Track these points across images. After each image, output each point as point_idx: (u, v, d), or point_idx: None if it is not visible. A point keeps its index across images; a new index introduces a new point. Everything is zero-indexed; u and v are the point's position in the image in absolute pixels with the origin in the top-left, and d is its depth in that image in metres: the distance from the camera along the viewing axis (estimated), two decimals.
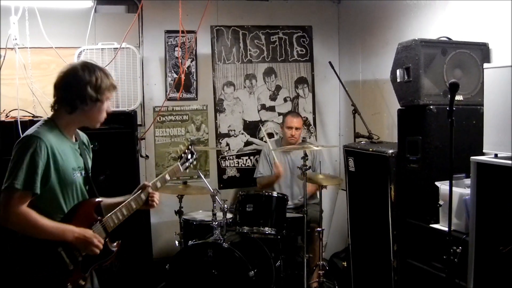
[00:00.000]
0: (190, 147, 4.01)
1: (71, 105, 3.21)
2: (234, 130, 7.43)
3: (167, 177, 3.75)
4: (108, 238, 3.36)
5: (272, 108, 7.57)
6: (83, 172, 3.35)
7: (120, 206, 3.43)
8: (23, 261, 3.05)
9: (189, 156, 4.00)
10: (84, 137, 3.52)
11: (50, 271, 3.10)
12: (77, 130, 3.45)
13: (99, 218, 3.32)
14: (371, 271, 5.35)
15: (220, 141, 7.39)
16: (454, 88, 3.48)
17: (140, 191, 3.60)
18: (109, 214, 3.36)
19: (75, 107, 3.21)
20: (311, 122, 7.67)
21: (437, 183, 4.24)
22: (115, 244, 3.44)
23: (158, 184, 3.71)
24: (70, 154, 3.27)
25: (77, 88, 3.20)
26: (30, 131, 3.13)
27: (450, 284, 3.77)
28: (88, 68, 3.27)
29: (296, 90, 7.64)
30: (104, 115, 3.37)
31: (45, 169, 3.06)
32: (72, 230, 3.13)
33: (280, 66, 7.56)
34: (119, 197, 3.60)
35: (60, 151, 3.16)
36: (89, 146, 3.54)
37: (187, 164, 4.01)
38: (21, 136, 3.15)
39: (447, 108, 3.47)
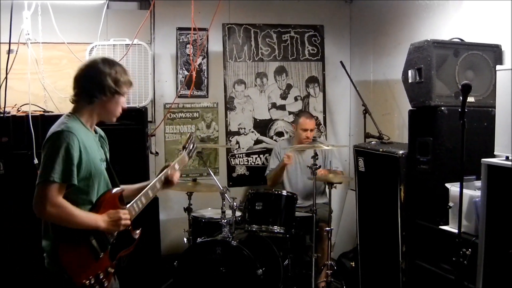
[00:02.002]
0: (191, 137, 4.06)
1: (90, 95, 3.30)
2: (244, 128, 7.43)
3: (176, 166, 3.80)
4: (131, 226, 3.44)
5: (282, 107, 7.56)
6: (105, 164, 3.43)
7: (140, 194, 3.50)
8: (57, 252, 3.11)
9: (191, 147, 4.04)
10: (100, 130, 3.59)
11: (84, 260, 3.18)
12: None
13: (123, 207, 3.38)
14: (379, 272, 5.34)
15: (230, 139, 7.40)
16: (466, 89, 3.47)
17: (162, 172, 3.70)
18: (131, 203, 3.43)
19: (94, 97, 3.30)
20: (322, 122, 7.66)
21: (447, 185, 4.24)
22: (137, 231, 3.54)
23: (176, 166, 3.80)
24: (95, 146, 3.36)
25: (97, 78, 3.29)
26: (59, 126, 3.18)
27: (459, 286, 3.76)
28: (108, 62, 3.38)
29: (307, 89, 7.64)
30: (120, 110, 3.46)
31: (78, 161, 3.14)
32: (101, 217, 3.22)
33: (291, 65, 7.55)
34: (137, 184, 3.71)
35: (88, 144, 3.25)
36: (105, 140, 3.61)
37: (191, 154, 4.06)
38: (51, 130, 3.20)
39: (459, 110, 3.46)
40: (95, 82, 3.29)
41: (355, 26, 7.66)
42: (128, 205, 3.42)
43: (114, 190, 3.40)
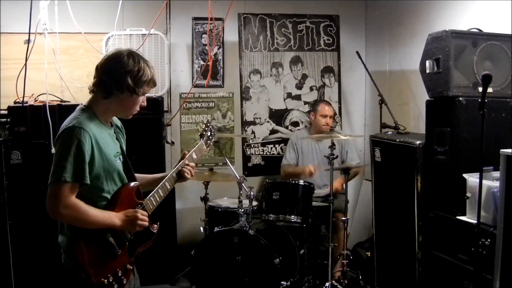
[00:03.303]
0: (208, 124, 4.04)
1: (107, 90, 3.17)
2: (260, 118, 7.45)
3: (194, 155, 3.77)
4: (149, 220, 3.35)
5: (298, 97, 7.57)
6: (121, 157, 3.34)
7: (157, 187, 3.46)
8: (74, 252, 3.06)
9: (209, 133, 4.02)
10: (117, 121, 3.48)
11: (101, 258, 3.13)
12: None
13: (140, 201, 3.33)
14: (395, 262, 5.35)
15: (245, 128, 7.42)
16: (486, 80, 3.47)
17: (179, 163, 3.66)
18: (148, 197, 3.38)
19: (111, 93, 3.17)
20: (337, 112, 7.65)
21: (464, 175, 4.22)
22: (155, 226, 3.47)
23: (194, 156, 3.76)
24: (110, 141, 3.26)
25: (117, 74, 3.16)
26: (70, 122, 3.07)
27: (478, 276, 3.77)
28: (133, 56, 3.22)
29: (322, 79, 7.64)
30: (137, 108, 3.33)
31: (91, 159, 3.04)
32: (116, 215, 3.15)
33: (306, 55, 7.56)
34: (159, 174, 3.68)
35: (102, 139, 3.15)
36: (122, 129, 3.52)
37: (208, 141, 4.02)
38: (63, 126, 3.10)
39: (479, 100, 3.45)
40: (114, 77, 3.15)
41: (371, 16, 7.64)
42: (145, 199, 3.37)
43: (131, 185, 3.34)
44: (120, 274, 3.20)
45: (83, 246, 3.05)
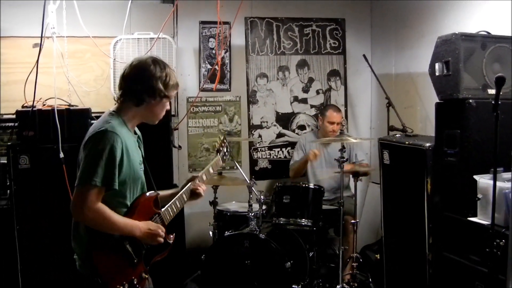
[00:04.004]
0: (225, 140, 4.10)
1: (138, 98, 3.24)
2: (267, 122, 7.46)
3: (211, 170, 3.82)
4: (165, 230, 3.39)
5: (304, 100, 7.59)
6: (142, 166, 3.39)
7: (174, 198, 3.49)
8: (92, 258, 3.08)
9: (225, 150, 4.07)
10: (138, 131, 3.52)
11: (118, 265, 3.16)
12: None
13: (158, 211, 3.37)
14: (405, 264, 5.35)
15: (252, 132, 7.43)
16: (500, 82, 3.50)
17: (189, 183, 3.67)
18: (165, 207, 3.42)
19: (142, 100, 3.24)
20: (343, 115, 7.66)
21: (475, 177, 4.24)
22: (171, 236, 3.49)
23: (204, 177, 3.79)
24: (135, 149, 3.31)
25: (148, 81, 3.22)
26: (102, 125, 3.12)
27: (492, 277, 3.76)
28: (159, 64, 3.30)
29: (329, 82, 7.66)
30: (164, 113, 3.41)
31: (119, 164, 3.09)
32: (138, 225, 3.19)
33: (313, 59, 7.58)
34: (170, 189, 3.69)
35: (129, 146, 3.20)
36: (141, 140, 3.55)
37: (225, 157, 4.08)
38: (94, 129, 3.15)
39: (492, 102, 3.48)
40: (146, 85, 3.22)
41: (377, 19, 7.65)
42: (163, 209, 3.41)
43: (149, 194, 3.37)
44: (135, 283, 3.23)
45: (101, 253, 3.08)
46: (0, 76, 6.15)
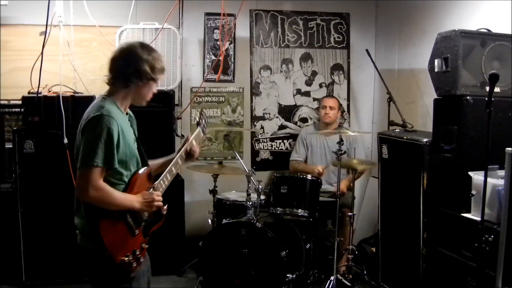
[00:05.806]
0: (203, 113, 4.20)
1: (127, 80, 3.35)
2: (269, 114, 7.52)
3: (194, 142, 3.90)
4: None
5: (307, 93, 7.63)
6: (136, 143, 3.49)
7: (165, 172, 3.58)
8: (99, 232, 3.18)
9: (204, 121, 4.16)
10: (129, 111, 3.60)
11: (122, 237, 3.29)
12: None
13: (151, 185, 3.48)
14: (400, 258, 5.41)
15: (255, 123, 7.48)
16: (494, 79, 3.52)
17: (183, 147, 3.80)
18: (157, 181, 3.52)
19: (130, 82, 3.35)
20: (345, 109, 7.71)
21: (470, 173, 4.29)
22: (165, 207, 3.58)
23: (194, 142, 3.89)
24: (129, 128, 3.42)
25: (135, 64, 3.33)
26: (97, 110, 3.22)
27: (480, 272, 3.82)
28: (146, 48, 3.43)
29: (332, 76, 7.69)
30: (151, 95, 3.52)
31: (117, 145, 3.21)
32: (136, 199, 3.32)
33: (316, 52, 7.61)
34: (161, 158, 3.79)
35: (124, 126, 3.31)
36: (134, 119, 3.64)
37: (204, 129, 4.16)
38: (88, 114, 3.24)
39: (486, 99, 3.50)
40: (133, 67, 3.33)
41: (381, 15, 7.69)
42: (155, 182, 3.50)
43: (144, 169, 3.47)
44: (137, 253, 3.35)
45: (107, 227, 3.19)
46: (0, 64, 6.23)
